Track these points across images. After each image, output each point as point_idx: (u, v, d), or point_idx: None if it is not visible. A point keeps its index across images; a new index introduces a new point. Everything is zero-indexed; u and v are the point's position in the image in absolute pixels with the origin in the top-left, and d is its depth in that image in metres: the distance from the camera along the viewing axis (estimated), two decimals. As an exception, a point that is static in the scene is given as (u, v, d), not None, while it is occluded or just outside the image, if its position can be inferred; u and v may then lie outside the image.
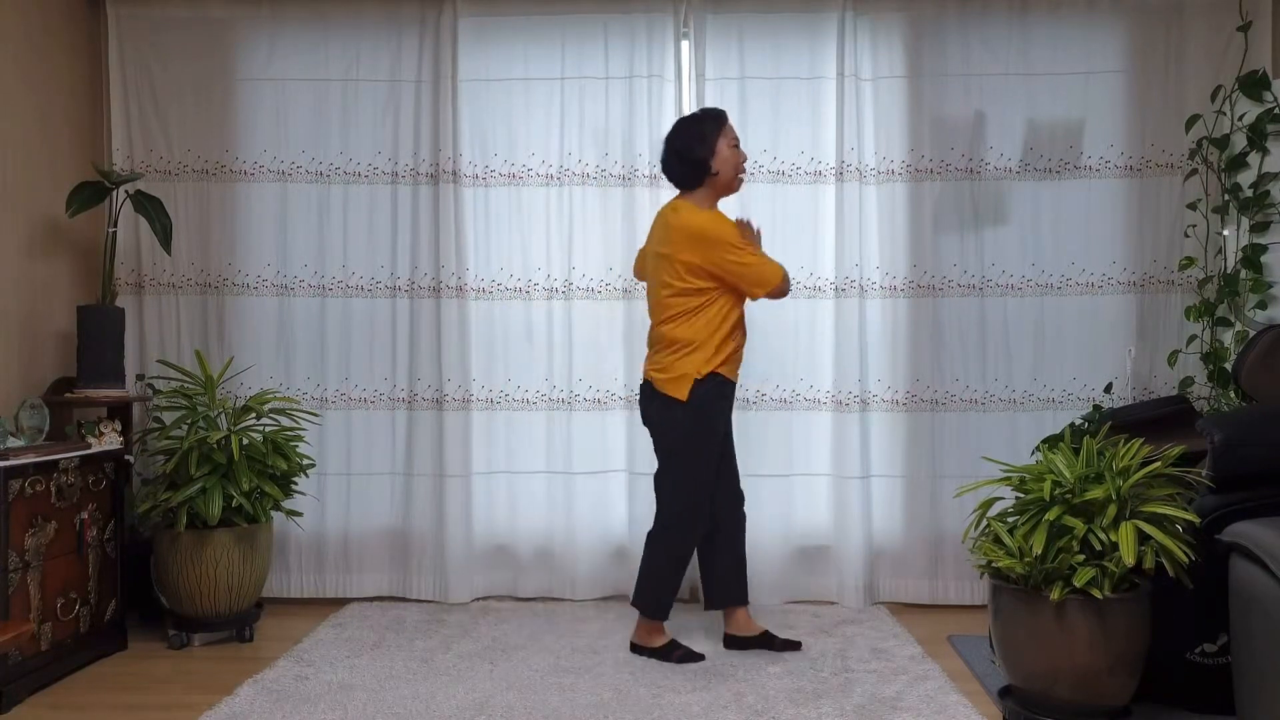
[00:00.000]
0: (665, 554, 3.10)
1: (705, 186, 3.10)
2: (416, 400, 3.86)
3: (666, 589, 3.11)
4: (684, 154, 3.06)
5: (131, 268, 3.86)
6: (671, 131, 3.13)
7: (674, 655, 3.09)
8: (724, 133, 3.08)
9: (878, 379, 3.84)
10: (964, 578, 3.79)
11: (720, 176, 3.08)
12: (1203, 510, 2.54)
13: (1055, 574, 2.40)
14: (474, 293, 3.89)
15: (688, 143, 3.06)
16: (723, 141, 3.07)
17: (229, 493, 3.31)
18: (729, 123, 3.12)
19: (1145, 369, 3.76)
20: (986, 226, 3.83)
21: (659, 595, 3.11)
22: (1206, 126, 3.65)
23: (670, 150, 3.11)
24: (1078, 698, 2.40)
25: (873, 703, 2.74)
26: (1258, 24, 3.68)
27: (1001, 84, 3.81)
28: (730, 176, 3.10)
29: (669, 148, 3.11)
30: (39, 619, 2.92)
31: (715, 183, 3.09)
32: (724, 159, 3.07)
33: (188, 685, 2.96)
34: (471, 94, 3.88)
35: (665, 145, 3.13)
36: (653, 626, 3.14)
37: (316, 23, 3.88)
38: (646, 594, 3.12)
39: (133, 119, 3.86)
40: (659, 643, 3.13)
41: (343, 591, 3.90)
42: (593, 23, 3.86)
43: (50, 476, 2.98)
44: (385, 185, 3.90)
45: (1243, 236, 3.47)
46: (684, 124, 3.12)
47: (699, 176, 3.08)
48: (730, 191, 3.16)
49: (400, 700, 2.77)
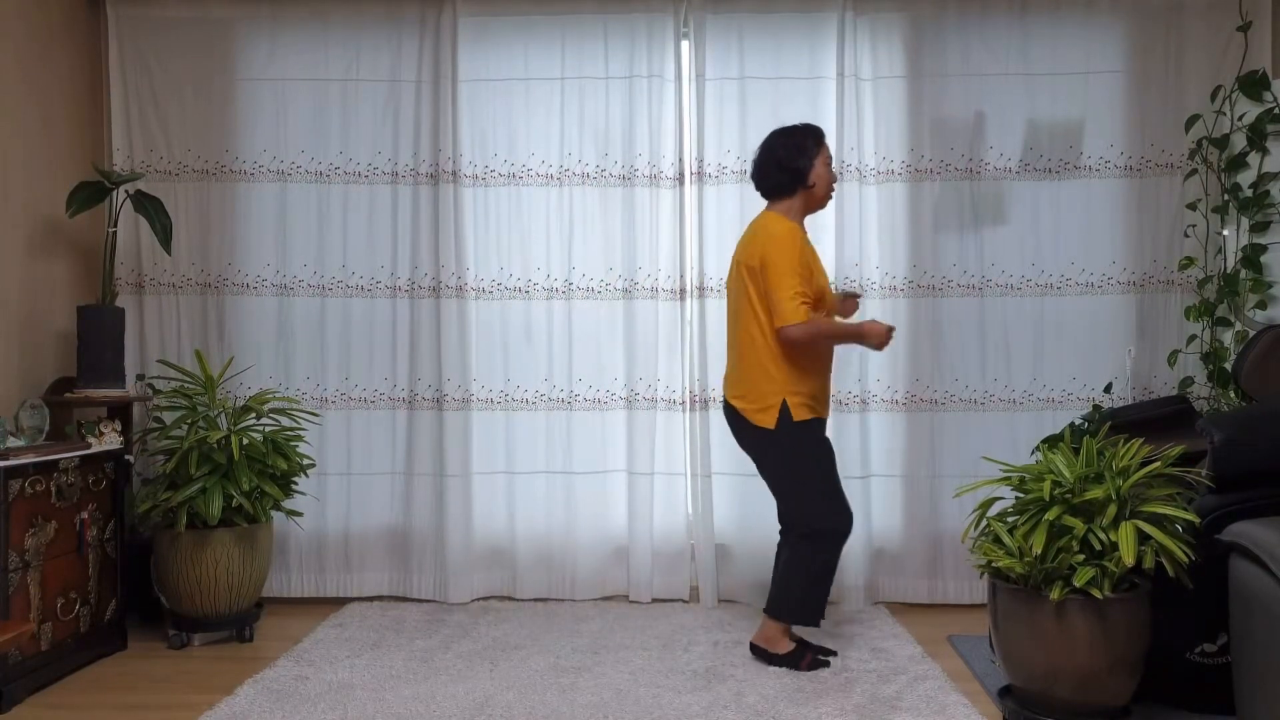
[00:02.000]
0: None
1: (796, 198, 3.10)
2: (416, 400, 3.86)
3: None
4: (785, 163, 3.06)
5: (131, 268, 3.86)
6: (772, 139, 3.12)
7: (803, 663, 3.03)
8: (823, 150, 3.11)
9: (877, 379, 3.84)
10: (964, 577, 3.79)
11: (815, 190, 3.10)
12: (1203, 510, 2.54)
13: (1055, 574, 2.40)
14: (474, 293, 3.89)
15: (790, 153, 3.06)
16: (820, 158, 3.09)
17: (229, 493, 3.31)
18: (826, 143, 3.14)
19: (1145, 369, 3.76)
20: (986, 226, 3.83)
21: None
22: (1206, 126, 3.65)
23: (769, 158, 3.10)
24: (1078, 698, 2.40)
25: (873, 703, 2.74)
26: (1258, 24, 3.68)
27: (1001, 84, 3.82)
28: (824, 192, 3.12)
29: (768, 155, 3.10)
30: (39, 619, 2.92)
31: (809, 196, 3.10)
32: (820, 174, 3.09)
33: (188, 685, 2.96)
34: (471, 94, 3.88)
35: (763, 152, 3.12)
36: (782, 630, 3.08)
37: (316, 23, 3.88)
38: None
39: (133, 119, 3.86)
40: (785, 649, 3.07)
41: (343, 591, 3.90)
42: (593, 23, 3.86)
43: (50, 476, 2.98)
44: (385, 185, 3.90)
45: (1242, 236, 3.47)
46: (786, 134, 3.11)
47: (793, 187, 3.08)
48: (820, 207, 3.16)
49: (400, 700, 2.77)
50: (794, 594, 3.03)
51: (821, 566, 3.03)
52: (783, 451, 3.01)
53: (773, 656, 3.07)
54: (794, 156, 3.06)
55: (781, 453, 3.02)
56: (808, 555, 3.02)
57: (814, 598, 3.03)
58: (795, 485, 3.03)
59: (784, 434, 2.98)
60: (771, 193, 3.12)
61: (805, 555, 3.02)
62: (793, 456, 3.01)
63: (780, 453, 3.02)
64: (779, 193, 3.11)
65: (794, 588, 3.03)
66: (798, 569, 3.03)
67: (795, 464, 3.02)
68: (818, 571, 3.02)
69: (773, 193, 3.12)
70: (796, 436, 2.99)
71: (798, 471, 3.02)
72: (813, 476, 3.01)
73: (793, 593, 3.03)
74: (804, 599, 3.03)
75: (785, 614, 3.05)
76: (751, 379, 3.02)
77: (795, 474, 3.02)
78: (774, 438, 3.00)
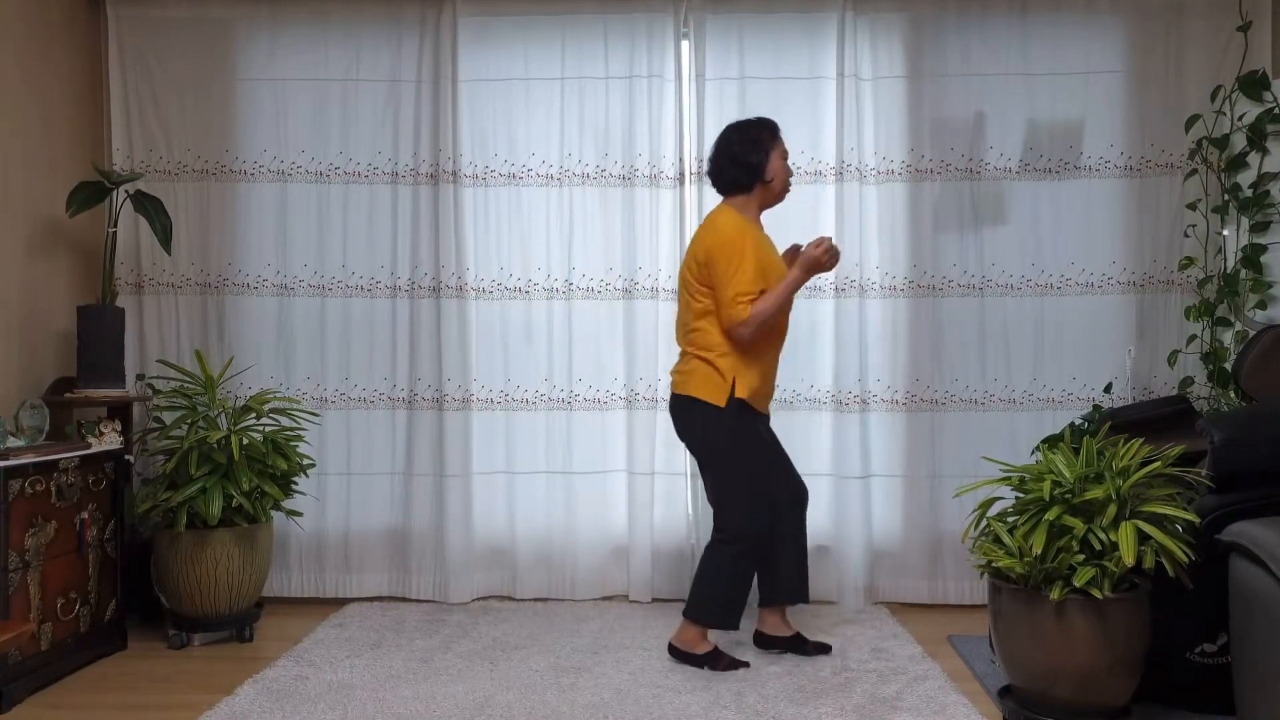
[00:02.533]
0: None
1: (753, 194, 3.07)
2: (416, 400, 3.86)
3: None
4: (739, 158, 3.03)
5: (131, 268, 3.86)
6: (726, 134, 3.08)
7: (719, 664, 3.03)
8: (778, 144, 3.07)
9: (878, 379, 3.84)
10: (964, 578, 3.79)
11: (773, 185, 3.06)
12: (1203, 510, 2.54)
13: (1055, 574, 2.40)
14: (474, 293, 3.89)
15: (745, 148, 3.03)
16: (776, 152, 3.06)
17: (229, 493, 3.31)
18: (781, 137, 3.11)
19: (1145, 369, 3.76)
20: (986, 226, 3.83)
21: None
22: (1206, 126, 3.65)
23: (723, 153, 3.06)
24: (1078, 698, 2.40)
25: (873, 703, 2.74)
26: (1258, 24, 3.68)
27: (1001, 84, 3.81)
28: (781, 187, 3.09)
29: (723, 150, 3.06)
30: (39, 619, 2.92)
31: (766, 191, 3.07)
32: (776, 169, 3.06)
33: (188, 685, 2.96)
34: (471, 94, 3.88)
35: (716, 149, 3.09)
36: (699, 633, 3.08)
37: (316, 23, 3.88)
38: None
39: (133, 119, 3.86)
40: (702, 650, 3.07)
41: (343, 591, 3.89)
42: (593, 23, 3.86)
43: (50, 476, 2.98)
44: (385, 185, 3.90)
45: (1242, 236, 3.47)
46: (741, 128, 3.07)
47: (749, 182, 3.05)
48: (777, 201, 3.13)
49: (400, 700, 2.77)
50: (713, 598, 3.03)
51: (741, 571, 3.03)
52: (724, 433, 2.99)
53: (691, 657, 3.07)
54: (748, 151, 3.03)
55: (723, 434, 2.99)
56: (729, 559, 3.01)
57: (733, 602, 3.03)
58: (729, 477, 3.01)
59: (731, 414, 2.97)
60: (727, 188, 3.09)
61: (727, 559, 3.01)
62: (733, 441, 3.00)
63: (720, 434, 2.99)
64: (735, 188, 3.08)
65: (714, 592, 3.02)
66: (718, 573, 3.02)
67: (733, 453, 3.00)
68: (737, 576, 3.02)
69: (729, 188, 3.09)
70: (740, 420, 2.98)
71: (734, 461, 3.00)
72: (747, 471, 3.01)
73: (712, 597, 3.03)
74: (724, 603, 3.03)
75: (703, 617, 3.04)
76: (704, 363, 2.99)
77: (731, 463, 3.00)
78: (720, 416, 2.98)
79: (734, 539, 3.00)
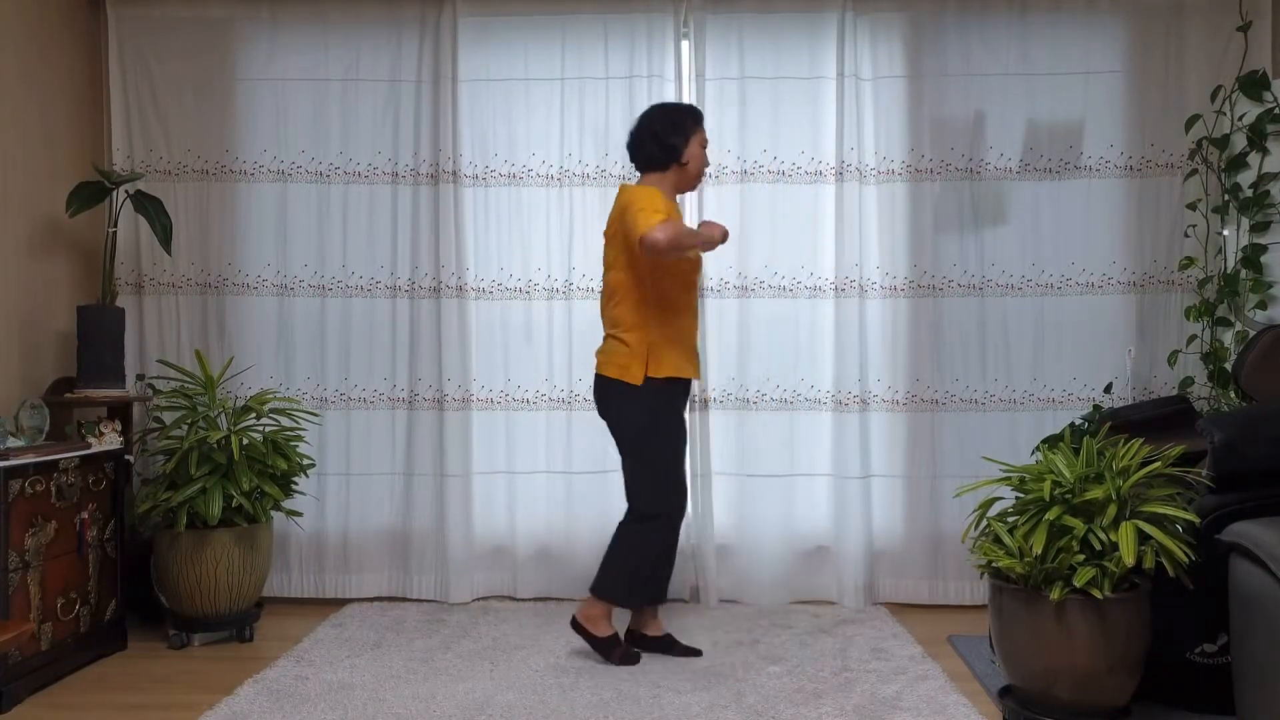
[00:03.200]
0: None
1: (669, 174, 3.11)
2: (416, 400, 3.86)
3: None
4: (661, 136, 3.07)
5: (131, 268, 3.86)
6: (651, 112, 3.12)
7: (614, 654, 3.07)
8: (700, 131, 3.13)
9: (878, 379, 3.84)
10: (964, 578, 3.79)
11: (688, 168, 3.11)
12: (1203, 510, 2.54)
13: (1055, 574, 2.40)
14: (474, 293, 3.89)
15: (667, 128, 3.07)
16: (696, 138, 3.11)
17: (229, 493, 3.31)
18: (704, 126, 3.16)
19: (1145, 369, 3.76)
20: (986, 226, 3.83)
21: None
22: (1206, 126, 3.65)
23: (646, 130, 3.10)
24: (1078, 698, 2.40)
25: (873, 703, 2.74)
26: (1258, 24, 3.68)
27: (1001, 84, 3.81)
28: (696, 172, 3.13)
29: (645, 127, 3.10)
30: (39, 619, 2.92)
31: (682, 173, 3.12)
32: (694, 154, 3.10)
33: (188, 685, 2.96)
34: (471, 94, 3.88)
35: (640, 124, 3.13)
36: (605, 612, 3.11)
37: (316, 23, 3.88)
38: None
39: (133, 119, 3.86)
40: (603, 633, 3.10)
41: (343, 591, 3.89)
42: (593, 23, 3.86)
43: (50, 476, 2.98)
44: (385, 185, 3.90)
45: (1243, 236, 3.47)
46: (665, 109, 3.13)
47: (666, 162, 3.09)
48: (690, 188, 3.18)
49: (400, 700, 2.77)
50: (619, 574, 3.06)
51: (651, 549, 3.05)
52: (642, 412, 3.02)
53: (590, 637, 3.09)
54: (670, 132, 3.07)
55: (641, 413, 3.02)
56: (638, 537, 3.05)
57: (640, 579, 3.06)
58: (643, 458, 3.04)
59: (648, 391, 3.00)
60: (645, 165, 3.13)
61: (636, 537, 3.05)
62: (649, 422, 3.02)
63: (639, 412, 3.02)
64: (651, 165, 3.12)
65: (620, 568, 3.06)
66: (627, 550, 3.06)
67: (649, 433, 3.03)
68: (647, 553, 3.05)
69: (646, 165, 3.13)
70: (657, 399, 3.01)
71: (649, 442, 3.03)
72: (661, 452, 3.04)
73: (618, 573, 3.06)
74: (630, 580, 3.05)
75: (606, 593, 3.07)
76: (621, 340, 3.03)
77: (646, 444, 3.03)
78: (638, 395, 3.00)
79: (642, 517, 3.05)
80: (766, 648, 3.25)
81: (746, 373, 3.83)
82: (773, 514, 3.82)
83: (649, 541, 3.06)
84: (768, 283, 3.84)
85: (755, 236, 3.83)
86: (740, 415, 3.84)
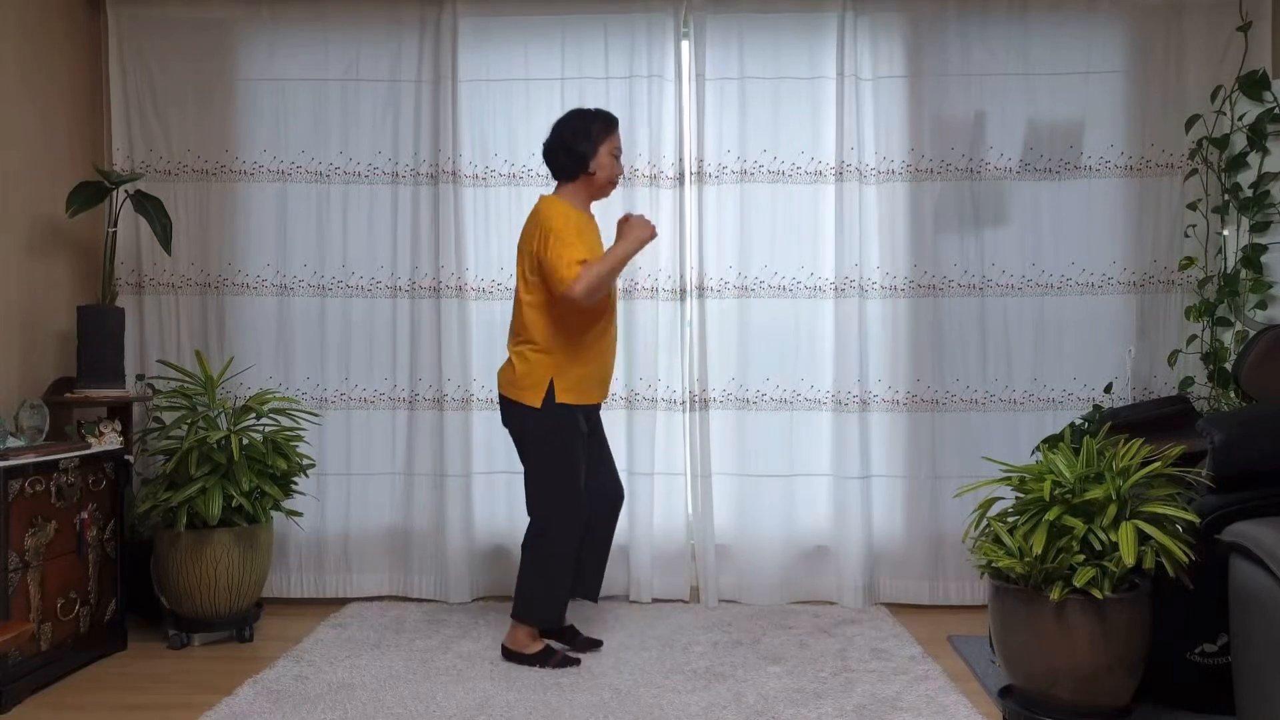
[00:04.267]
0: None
1: (579, 183, 3.09)
2: (417, 400, 3.86)
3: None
4: (569, 145, 3.04)
5: (131, 268, 3.86)
6: (564, 119, 3.10)
7: (551, 662, 3.05)
8: (610, 139, 3.07)
9: (878, 379, 3.83)
10: (964, 578, 3.79)
11: (596, 177, 3.07)
12: (1203, 510, 2.54)
13: (1055, 574, 2.40)
14: (474, 293, 3.89)
15: (575, 136, 3.04)
16: (605, 146, 3.06)
17: (229, 493, 3.31)
18: (617, 131, 3.11)
19: (1145, 369, 3.76)
20: (986, 226, 3.83)
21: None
22: (1206, 126, 3.65)
23: (556, 138, 3.08)
24: (1078, 698, 2.40)
25: (873, 703, 2.74)
26: (1258, 24, 3.68)
27: (1001, 84, 3.81)
28: (605, 181, 3.09)
29: (556, 135, 3.09)
30: (39, 619, 2.92)
31: (591, 182, 3.09)
32: (602, 163, 3.06)
33: (188, 685, 2.96)
34: (471, 94, 3.88)
35: (552, 131, 3.11)
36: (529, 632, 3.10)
37: (316, 23, 3.88)
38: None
39: (133, 119, 3.86)
40: (533, 649, 3.08)
41: (343, 591, 3.89)
42: (593, 23, 3.86)
43: (50, 476, 2.98)
44: (385, 185, 3.90)
45: (1243, 236, 3.47)
46: (575, 116, 3.09)
47: (574, 171, 3.06)
48: (601, 195, 3.14)
49: (400, 700, 2.77)
50: (534, 595, 3.05)
51: (553, 563, 3.03)
52: (542, 431, 3.01)
53: (523, 657, 3.08)
54: (577, 140, 3.03)
55: (541, 431, 3.01)
56: (543, 553, 3.03)
57: (554, 597, 3.05)
58: (541, 471, 3.04)
59: (546, 414, 2.99)
60: (557, 174, 3.11)
61: (541, 554, 3.03)
62: (548, 438, 3.01)
63: (539, 431, 3.01)
64: (562, 174, 3.10)
65: (534, 589, 3.05)
66: (531, 571, 3.05)
67: (547, 448, 3.02)
68: (550, 569, 3.04)
69: (558, 174, 3.11)
70: (557, 419, 3.00)
71: (547, 456, 3.02)
72: (558, 467, 3.02)
73: (533, 594, 3.05)
74: (545, 600, 3.05)
75: (525, 616, 3.06)
76: (524, 358, 3.01)
77: (545, 458, 3.02)
78: (537, 416, 2.99)
79: (541, 531, 3.04)
80: (766, 648, 3.25)
81: (746, 373, 3.83)
82: (773, 514, 3.82)
83: (550, 555, 3.03)
84: (768, 283, 3.84)
85: (755, 236, 3.83)
86: (740, 415, 3.84)
